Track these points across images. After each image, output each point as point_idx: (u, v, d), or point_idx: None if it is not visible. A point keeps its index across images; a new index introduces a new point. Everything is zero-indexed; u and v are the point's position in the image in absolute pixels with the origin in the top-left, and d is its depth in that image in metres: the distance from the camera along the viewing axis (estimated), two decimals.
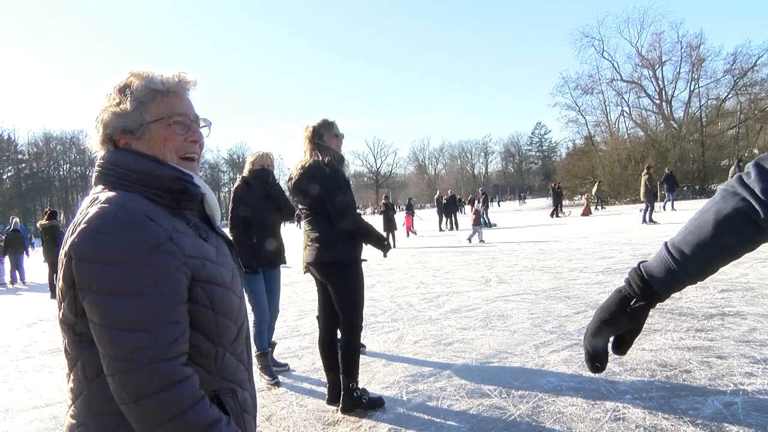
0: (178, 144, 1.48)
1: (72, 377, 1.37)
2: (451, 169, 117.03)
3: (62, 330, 1.38)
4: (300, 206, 4.46)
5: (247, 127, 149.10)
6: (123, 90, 1.45)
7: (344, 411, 4.32)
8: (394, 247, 20.13)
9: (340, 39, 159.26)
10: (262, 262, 5.34)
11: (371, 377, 5.11)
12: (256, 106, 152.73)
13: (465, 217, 30.24)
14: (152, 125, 1.44)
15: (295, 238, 4.48)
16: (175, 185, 1.41)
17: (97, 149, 1.49)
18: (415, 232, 26.42)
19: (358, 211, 4.54)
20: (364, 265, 4.35)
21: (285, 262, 5.68)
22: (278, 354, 6.10)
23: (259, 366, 5.29)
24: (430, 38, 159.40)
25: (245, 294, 5.15)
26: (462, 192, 28.49)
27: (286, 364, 5.65)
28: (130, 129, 1.43)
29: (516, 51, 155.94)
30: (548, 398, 4.22)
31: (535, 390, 4.41)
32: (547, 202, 47.59)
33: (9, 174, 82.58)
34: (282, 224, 5.82)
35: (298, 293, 10.54)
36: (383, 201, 23.18)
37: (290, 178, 4.44)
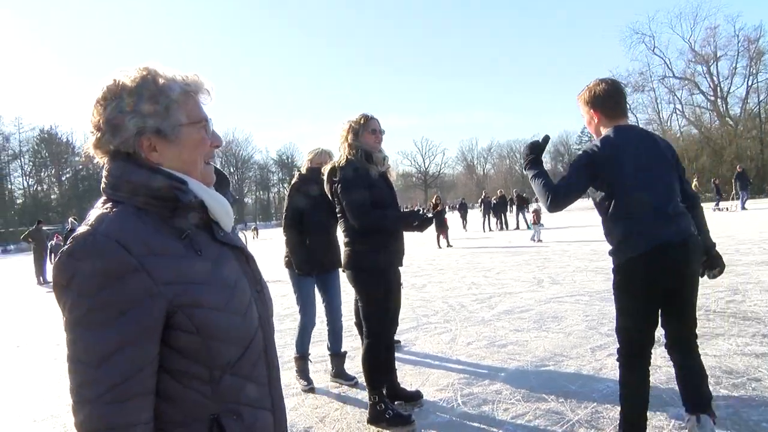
0: (207, 149, 1.40)
1: None
2: (500, 168, 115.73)
3: None
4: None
5: (296, 126, 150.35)
6: (146, 85, 1.30)
7: (370, 422, 4.12)
8: (449, 245, 19.91)
9: (388, 37, 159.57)
10: (316, 265, 5.04)
11: (425, 379, 5.00)
12: (304, 106, 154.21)
13: (513, 216, 29.75)
14: (185, 128, 1.34)
15: None
16: (166, 194, 1.28)
17: (99, 155, 1.35)
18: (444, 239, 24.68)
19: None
20: (414, 265, 4.18)
21: (341, 265, 5.34)
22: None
23: (296, 369, 5.18)
24: (478, 36, 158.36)
25: (297, 295, 4.97)
26: (512, 192, 28.10)
27: (354, 378, 5.13)
28: (164, 131, 1.31)
29: (565, 49, 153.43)
30: (607, 404, 4.04)
31: (593, 395, 4.24)
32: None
33: (67, 176, 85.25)
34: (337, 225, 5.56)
35: (351, 293, 10.47)
36: (434, 201, 22.98)
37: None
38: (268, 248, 28.50)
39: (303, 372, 5.15)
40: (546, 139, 3.40)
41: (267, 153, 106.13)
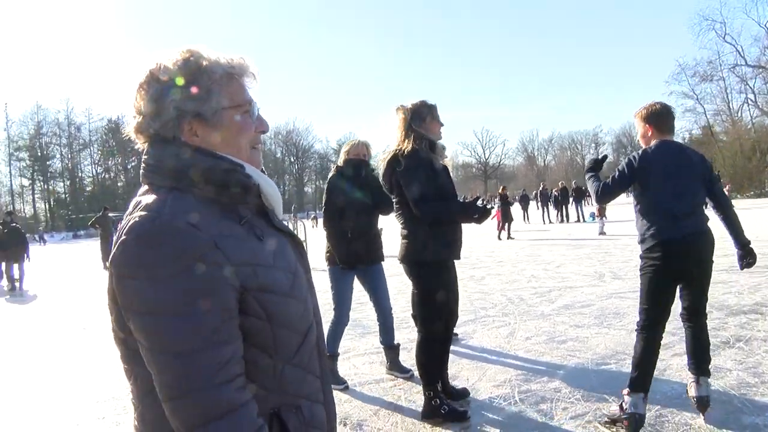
0: (251, 134, 1.33)
1: (131, 388, 1.27)
2: (561, 160, 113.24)
3: (115, 342, 1.26)
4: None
5: (355, 114, 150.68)
6: (188, 68, 1.25)
7: (424, 417, 4.04)
8: (510, 237, 19.60)
9: (445, 28, 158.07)
10: (357, 258, 4.89)
11: (482, 374, 4.92)
12: (365, 95, 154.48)
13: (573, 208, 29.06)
14: (226, 112, 1.27)
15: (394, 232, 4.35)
16: (226, 177, 1.22)
17: (140, 140, 1.30)
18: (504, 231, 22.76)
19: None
20: (473, 257, 4.08)
21: (383, 259, 5.16)
22: None
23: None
24: (540, 27, 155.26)
25: (334, 291, 4.88)
26: (573, 184, 27.22)
27: (409, 370, 5.00)
28: (204, 115, 1.25)
29: (628, 38, 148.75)
30: (673, 407, 3.87)
31: (656, 396, 4.06)
32: None
33: (132, 164, 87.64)
34: (379, 218, 5.23)
35: (408, 283, 10.43)
36: (501, 192, 22.63)
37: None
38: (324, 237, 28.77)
39: (332, 372, 5.01)
40: (604, 158, 4.31)
41: (327, 142, 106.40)
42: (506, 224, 19.92)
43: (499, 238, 19.61)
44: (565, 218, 27.99)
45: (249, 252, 1.20)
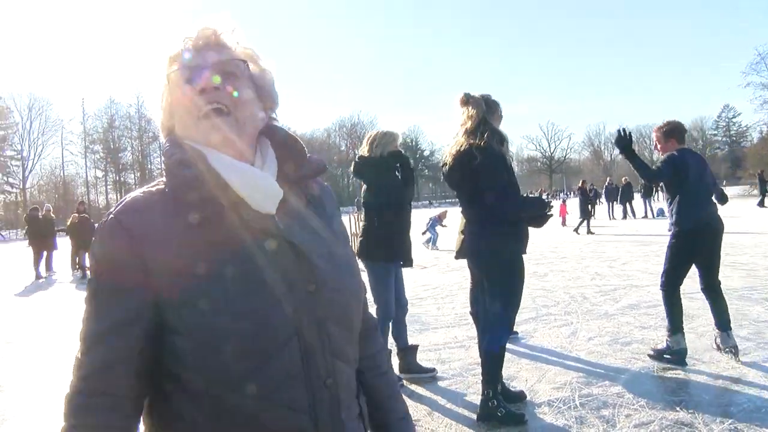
0: (187, 99, 1.11)
1: None
2: None
3: None
4: (456, 192, 4.06)
5: (419, 107, 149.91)
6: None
7: (480, 419, 3.87)
8: (591, 233, 18.90)
9: (511, 22, 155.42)
10: (398, 253, 4.70)
11: (541, 375, 4.70)
12: (429, 89, 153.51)
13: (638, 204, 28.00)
14: (172, 90, 1.15)
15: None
16: (182, 168, 1.07)
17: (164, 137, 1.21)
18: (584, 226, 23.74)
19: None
20: (536, 252, 3.88)
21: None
22: (445, 343, 5.88)
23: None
24: (604, 17, 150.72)
25: (380, 286, 4.67)
26: (638, 179, 26.07)
27: (433, 369, 4.92)
28: (171, 103, 1.19)
29: (700, 28, 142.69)
30: (748, 420, 3.56)
31: (731, 408, 3.77)
32: (739, 190, 43.03)
33: None
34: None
35: (469, 279, 10.25)
36: (580, 185, 21.99)
37: (444, 165, 4.00)
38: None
39: (411, 363, 4.91)
40: (625, 132, 4.92)
41: None
42: (586, 219, 19.26)
43: (577, 232, 19.00)
44: (630, 214, 26.98)
45: (182, 262, 1.01)
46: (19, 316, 9.65)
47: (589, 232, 18.93)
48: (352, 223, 14.20)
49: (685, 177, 4.75)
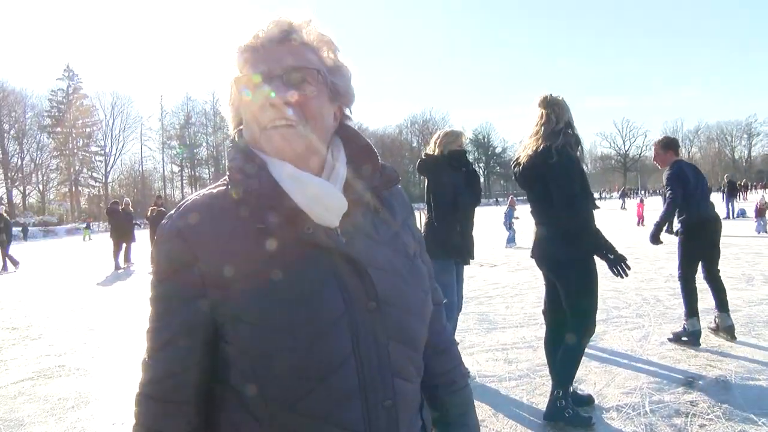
0: (256, 110, 1.04)
1: None
2: (707, 152, 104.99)
3: None
4: (526, 193, 3.95)
5: (489, 106, 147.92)
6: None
7: (546, 417, 3.82)
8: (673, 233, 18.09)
9: (586, 11, 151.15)
10: (455, 251, 4.66)
11: (610, 379, 4.57)
12: (502, 85, 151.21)
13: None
14: (238, 95, 1.10)
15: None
16: (247, 177, 1.03)
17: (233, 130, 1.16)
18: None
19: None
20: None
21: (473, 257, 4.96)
22: (513, 343, 5.79)
23: None
24: (684, 10, 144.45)
25: (448, 283, 4.61)
26: (719, 178, 24.66)
27: (467, 371, 4.90)
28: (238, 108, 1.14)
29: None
30: None
31: None
32: None
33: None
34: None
35: (539, 278, 10.07)
36: (727, 180, 20.80)
37: (518, 164, 3.90)
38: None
39: None
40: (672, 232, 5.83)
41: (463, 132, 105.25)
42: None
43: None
44: None
45: (239, 274, 0.98)
46: (101, 305, 10.10)
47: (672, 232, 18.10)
48: (422, 220, 14.17)
49: (686, 184, 5.45)
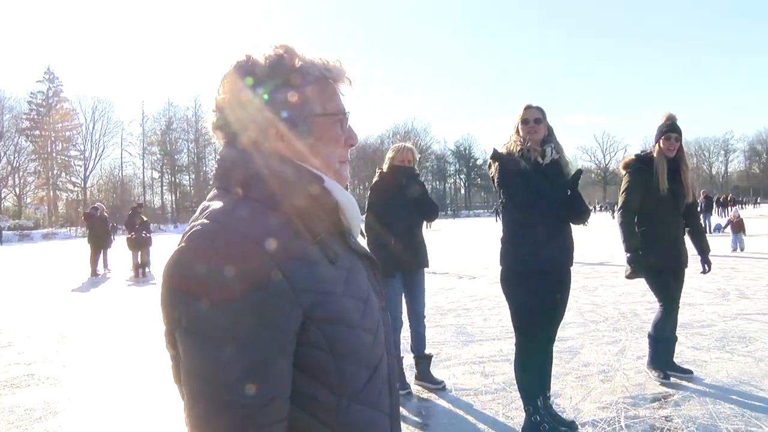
0: (341, 147, 1.17)
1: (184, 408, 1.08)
2: None
3: (168, 353, 1.09)
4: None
5: (475, 118, 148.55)
6: (280, 65, 1.10)
7: None
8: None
9: (566, 36, 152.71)
10: (399, 264, 4.64)
11: (586, 393, 4.50)
12: (485, 97, 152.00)
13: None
14: (318, 120, 1.12)
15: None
16: (305, 191, 1.06)
17: (219, 137, 1.16)
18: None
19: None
20: (586, 266, 3.68)
21: (427, 266, 4.95)
22: (490, 356, 5.72)
23: None
24: (664, 29, 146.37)
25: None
26: (701, 193, 24.87)
27: (441, 382, 4.82)
28: (294, 120, 1.10)
29: (762, 37, 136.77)
30: None
31: None
32: None
33: None
34: (424, 224, 5.09)
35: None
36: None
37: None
38: (440, 239, 28.57)
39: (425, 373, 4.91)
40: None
41: (445, 143, 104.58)
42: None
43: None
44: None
45: (318, 278, 1.01)
46: (75, 312, 9.86)
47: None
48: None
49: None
